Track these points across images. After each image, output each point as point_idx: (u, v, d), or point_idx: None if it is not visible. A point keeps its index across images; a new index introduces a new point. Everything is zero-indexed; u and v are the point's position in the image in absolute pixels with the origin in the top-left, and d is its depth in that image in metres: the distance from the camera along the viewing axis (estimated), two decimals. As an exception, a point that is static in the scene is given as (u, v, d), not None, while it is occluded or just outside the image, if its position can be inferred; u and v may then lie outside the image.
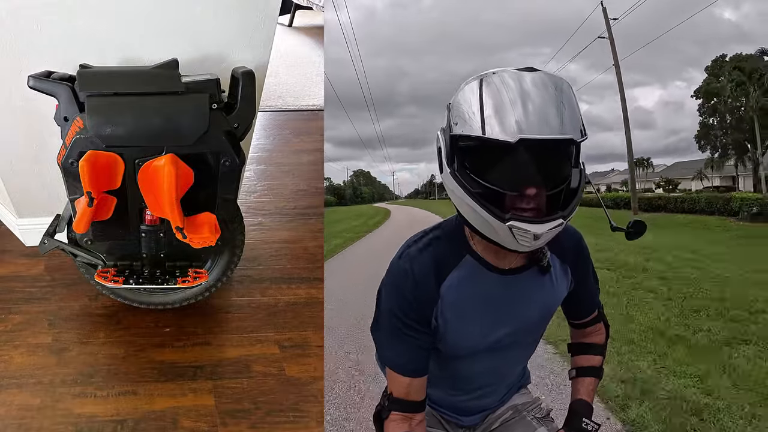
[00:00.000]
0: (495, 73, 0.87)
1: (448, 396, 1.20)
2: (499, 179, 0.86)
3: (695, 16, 39.69)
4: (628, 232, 1.05)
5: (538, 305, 1.06)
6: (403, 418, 1.03)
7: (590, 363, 1.20)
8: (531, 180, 0.85)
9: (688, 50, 46.76)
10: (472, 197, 0.87)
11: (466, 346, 1.06)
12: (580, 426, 1.11)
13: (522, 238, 0.85)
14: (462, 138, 0.88)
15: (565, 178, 0.89)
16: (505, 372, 1.18)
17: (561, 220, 0.86)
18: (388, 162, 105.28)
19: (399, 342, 1.01)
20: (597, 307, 1.19)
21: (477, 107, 0.86)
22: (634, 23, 13.94)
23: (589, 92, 63.82)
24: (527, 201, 0.86)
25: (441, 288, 0.99)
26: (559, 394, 2.64)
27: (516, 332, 1.07)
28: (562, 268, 1.07)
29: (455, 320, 1.01)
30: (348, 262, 7.32)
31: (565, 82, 0.88)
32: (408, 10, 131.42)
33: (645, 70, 44.96)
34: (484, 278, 1.00)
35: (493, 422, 1.22)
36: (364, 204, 49.37)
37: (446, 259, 0.99)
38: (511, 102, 0.83)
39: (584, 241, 1.10)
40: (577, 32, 34.45)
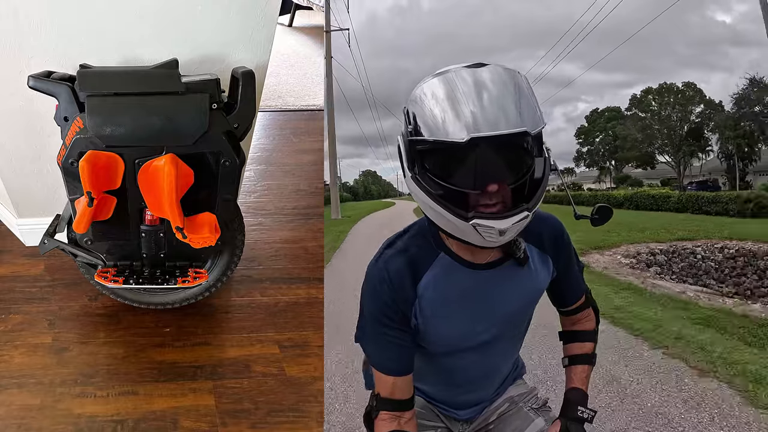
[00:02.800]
0: (446, 72, 0.88)
1: (440, 391, 1.21)
2: (458, 179, 0.86)
3: (690, 19, 40.76)
4: (593, 218, 1.05)
5: (518, 297, 1.06)
6: (392, 417, 1.04)
7: (582, 350, 1.20)
8: (490, 177, 0.85)
9: (681, 51, 47.67)
10: (434, 199, 0.87)
11: (448, 343, 1.07)
12: (575, 414, 1.11)
13: (488, 235, 0.86)
14: (418, 141, 0.88)
15: (527, 170, 0.88)
16: (494, 365, 1.18)
17: (526, 212, 0.86)
18: (390, 159, 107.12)
19: (381, 343, 1.03)
20: (584, 293, 1.20)
21: (428, 109, 0.86)
22: (622, 21, 14.43)
23: (588, 92, 64.07)
24: (490, 197, 0.86)
25: (418, 287, 1.00)
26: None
27: (498, 325, 1.07)
28: (541, 257, 1.07)
29: (434, 318, 1.02)
30: (374, 216, 20.67)
31: (518, 74, 0.88)
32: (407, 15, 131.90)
33: (639, 70, 45.95)
34: (460, 275, 1.01)
35: (491, 415, 1.22)
36: (373, 200, 66.98)
37: (421, 258, 1.01)
38: (461, 100, 0.84)
39: (563, 228, 1.10)
40: (569, 33, 34.94)
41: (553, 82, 53.46)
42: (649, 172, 29.23)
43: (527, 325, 1.17)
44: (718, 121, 24.29)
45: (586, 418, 1.11)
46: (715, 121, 24.42)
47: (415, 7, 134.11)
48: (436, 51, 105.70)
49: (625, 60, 55.23)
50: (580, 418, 1.11)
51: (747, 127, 22.47)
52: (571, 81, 35.68)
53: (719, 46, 54.35)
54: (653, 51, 48.12)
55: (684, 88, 25.45)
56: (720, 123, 24.04)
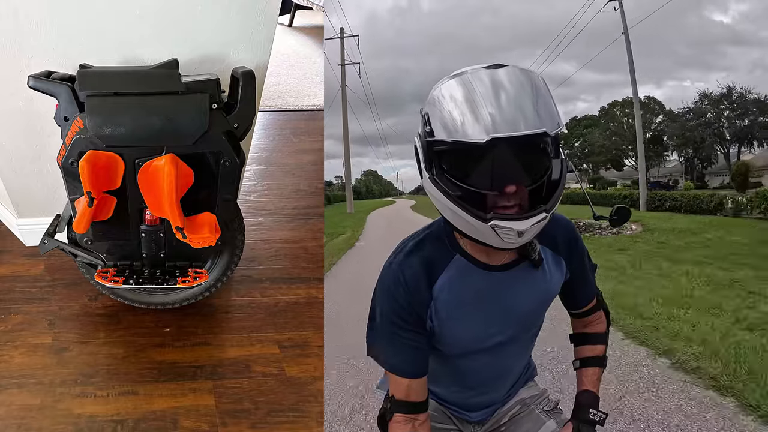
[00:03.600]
0: (463, 74, 0.87)
1: (453, 393, 1.21)
2: (477, 180, 0.86)
3: (688, 21, 42.09)
4: (612, 219, 1.05)
5: (532, 299, 1.06)
6: (406, 419, 1.04)
7: (593, 353, 1.20)
8: (509, 178, 0.85)
9: (681, 51, 48.41)
10: (452, 201, 0.87)
11: (463, 345, 1.07)
12: (587, 417, 1.11)
13: (506, 236, 0.85)
14: (436, 143, 0.88)
15: (545, 171, 0.88)
16: (506, 367, 1.18)
17: (544, 213, 0.85)
18: (390, 159, 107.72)
19: (396, 345, 1.02)
20: (595, 295, 1.20)
21: (447, 110, 0.86)
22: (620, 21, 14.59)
23: (588, 91, 64.34)
24: (508, 199, 0.86)
25: (433, 290, 1.00)
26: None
27: (512, 327, 1.07)
28: (555, 259, 1.07)
29: (450, 320, 1.02)
30: (380, 210, 27.52)
31: (536, 75, 0.87)
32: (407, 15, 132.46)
33: (638, 70, 48.06)
34: (475, 276, 1.00)
35: (502, 417, 1.23)
36: (375, 198, 71.00)
37: (436, 260, 1.00)
38: (480, 101, 0.83)
39: (576, 231, 1.10)
40: (566, 33, 35.70)
41: (553, 81, 53.88)
42: (621, 173, 33.42)
43: (539, 327, 1.17)
44: (668, 132, 29.54)
45: (598, 420, 1.11)
46: (666, 132, 29.83)
47: (415, 8, 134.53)
48: (438, 50, 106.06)
49: (625, 60, 55.64)
50: (591, 421, 1.11)
51: (695, 137, 27.58)
52: (565, 79, 38.00)
53: (718, 46, 55.19)
54: (653, 51, 48.63)
55: (646, 101, 30.32)
56: (669, 133, 29.25)
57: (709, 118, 27.47)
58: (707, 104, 27.91)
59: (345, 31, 21.51)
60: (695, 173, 29.08)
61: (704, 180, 28.20)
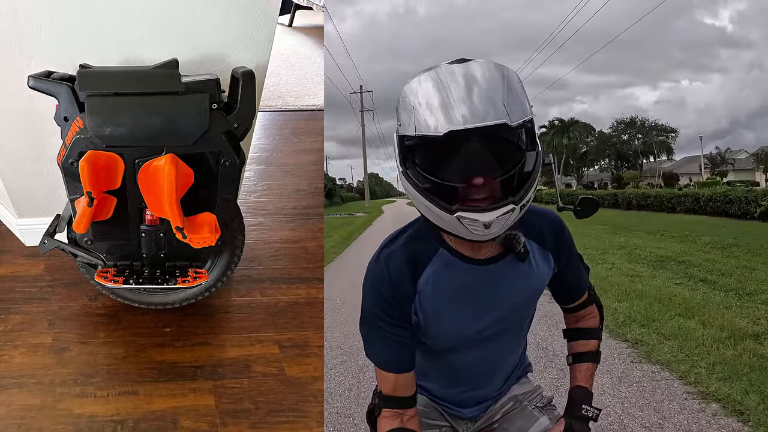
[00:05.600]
0: (429, 70, 0.88)
1: (444, 389, 1.20)
2: (444, 173, 0.87)
3: (679, 24, 47.89)
4: (576, 210, 1.04)
5: (519, 293, 1.06)
6: (395, 414, 1.04)
7: (586, 348, 1.20)
8: (474, 170, 0.85)
9: (675, 55, 51.64)
10: (421, 193, 0.88)
11: (449, 339, 1.07)
12: (580, 413, 1.11)
13: (473, 228, 0.85)
14: (405, 137, 0.89)
15: (516, 163, 0.87)
16: (496, 362, 1.17)
17: (512, 205, 0.85)
18: (390, 160, 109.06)
19: (382, 340, 1.03)
20: (587, 289, 1.19)
21: (413, 105, 0.87)
22: (614, 25, 14.90)
23: (584, 92, 64.50)
24: (477, 191, 0.86)
25: (417, 284, 1.00)
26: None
27: (499, 321, 1.07)
28: (542, 253, 1.07)
29: (435, 314, 1.02)
30: (387, 206, 36.54)
31: (506, 68, 0.87)
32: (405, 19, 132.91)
33: (633, 72, 54.44)
34: (459, 270, 1.00)
35: (495, 414, 1.22)
36: (378, 199, 74.28)
37: (421, 254, 1.01)
38: (443, 95, 0.84)
39: (563, 225, 1.09)
40: (561, 36, 36.65)
41: (546, 83, 54.40)
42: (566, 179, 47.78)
43: (530, 321, 1.17)
44: (591, 150, 46.93)
45: (591, 416, 1.10)
46: (590, 150, 46.92)
47: (412, 13, 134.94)
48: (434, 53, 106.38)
49: (620, 63, 56.53)
50: (584, 417, 1.10)
51: (609, 154, 45.73)
52: (555, 81, 42.55)
53: (711, 48, 57.48)
54: (647, 54, 50.55)
55: (585, 123, 46.24)
56: (592, 151, 47.02)
57: (623, 139, 44.34)
58: (623, 127, 44.96)
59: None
60: (620, 178, 40.91)
61: (621, 181, 38.50)
